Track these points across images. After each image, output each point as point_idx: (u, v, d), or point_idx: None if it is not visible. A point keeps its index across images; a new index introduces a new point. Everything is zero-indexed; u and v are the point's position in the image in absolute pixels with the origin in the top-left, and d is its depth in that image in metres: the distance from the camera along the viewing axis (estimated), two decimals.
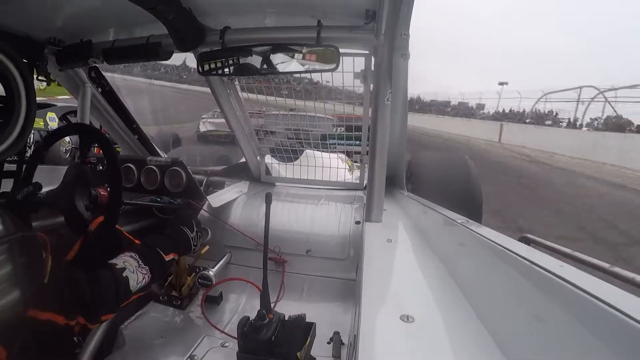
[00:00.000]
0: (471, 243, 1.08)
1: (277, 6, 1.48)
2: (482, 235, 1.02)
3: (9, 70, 1.16)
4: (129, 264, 1.21)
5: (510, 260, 0.81)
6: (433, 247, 1.24)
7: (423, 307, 0.85)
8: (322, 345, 1.32)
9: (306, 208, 2.15)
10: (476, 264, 1.02)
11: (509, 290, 0.80)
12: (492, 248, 0.93)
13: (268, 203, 1.15)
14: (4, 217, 1.11)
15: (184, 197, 2.09)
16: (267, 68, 1.45)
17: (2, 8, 1.40)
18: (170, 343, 1.48)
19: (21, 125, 1.19)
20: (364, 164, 2.31)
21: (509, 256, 0.83)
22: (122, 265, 1.19)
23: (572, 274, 0.64)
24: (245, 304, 1.72)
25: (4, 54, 1.14)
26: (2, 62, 1.14)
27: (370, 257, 1.16)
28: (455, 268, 1.04)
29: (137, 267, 1.22)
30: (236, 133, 2.22)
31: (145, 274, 1.24)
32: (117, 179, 1.43)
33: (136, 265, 1.22)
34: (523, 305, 0.72)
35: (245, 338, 1.08)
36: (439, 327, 0.79)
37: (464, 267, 1.04)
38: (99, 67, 2.11)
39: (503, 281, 0.85)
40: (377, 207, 1.54)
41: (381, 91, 1.48)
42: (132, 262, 1.22)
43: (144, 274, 1.23)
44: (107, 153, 1.41)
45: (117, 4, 1.24)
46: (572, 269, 0.68)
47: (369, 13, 1.41)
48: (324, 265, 1.84)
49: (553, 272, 0.66)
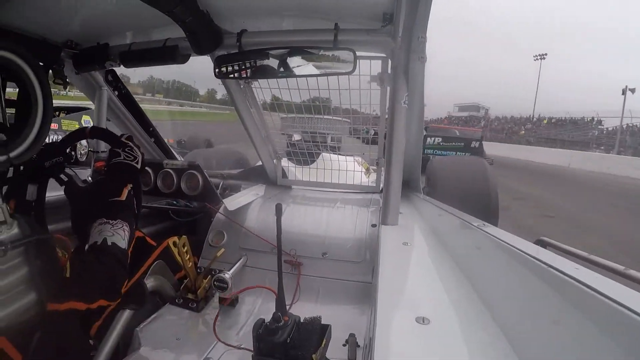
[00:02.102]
0: (487, 246, 1.07)
1: (294, 9, 1.48)
2: (498, 237, 1.02)
3: (26, 74, 1.17)
4: (104, 230, 1.20)
5: (526, 263, 0.81)
6: (449, 250, 1.24)
7: (439, 309, 0.84)
8: (337, 348, 1.31)
9: (322, 211, 2.15)
10: (492, 267, 1.01)
11: (525, 293, 0.79)
12: (508, 250, 0.92)
13: (279, 215, 1.15)
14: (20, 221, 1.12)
15: (200, 200, 2.10)
16: (283, 71, 1.45)
17: (19, 11, 1.42)
18: (186, 345, 1.48)
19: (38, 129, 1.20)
20: (380, 167, 2.30)
21: (524, 259, 0.82)
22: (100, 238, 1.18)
23: (588, 277, 0.63)
24: (260, 307, 1.72)
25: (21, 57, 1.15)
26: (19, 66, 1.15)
27: (386, 260, 1.16)
28: (471, 270, 1.03)
29: (112, 227, 1.22)
30: (252, 136, 2.22)
31: (121, 226, 1.23)
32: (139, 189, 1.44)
33: (110, 227, 1.21)
34: (539, 307, 0.72)
35: (261, 340, 1.07)
36: (455, 330, 0.78)
37: (479, 270, 1.03)
38: (115, 70, 2.13)
39: (519, 284, 0.84)
40: (393, 210, 1.54)
41: (398, 94, 1.48)
42: (105, 227, 1.21)
43: (121, 227, 1.23)
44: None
45: (134, 7, 1.23)
46: (588, 272, 0.67)
47: (386, 16, 1.40)
48: (339, 268, 1.83)
49: (569, 274, 0.65)
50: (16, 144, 1.15)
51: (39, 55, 1.54)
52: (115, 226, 1.22)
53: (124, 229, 1.24)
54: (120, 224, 1.23)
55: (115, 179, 1.37)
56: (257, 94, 2.08)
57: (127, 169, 1.38)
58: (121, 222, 1.24)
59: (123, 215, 1.27)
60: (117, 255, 1.18)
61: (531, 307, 0.74)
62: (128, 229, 1.25)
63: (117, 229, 1.22)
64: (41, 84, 1.21)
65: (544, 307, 0.70)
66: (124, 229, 1.23)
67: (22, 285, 1.10)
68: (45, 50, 1.66)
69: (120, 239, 1.20)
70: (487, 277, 0.98)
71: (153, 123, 2.47)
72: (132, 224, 1.29)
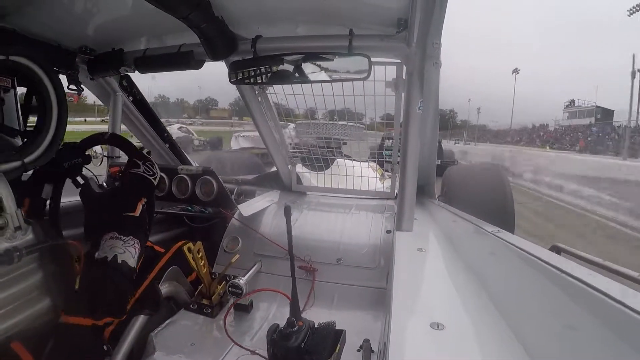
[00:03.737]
0: (501, 252, 1.07)
1: (308, 15, 1.49)
2: (513, 243, 1.01)
3: (41, 80, 1.18)
4: (116, 246, 1.21)
5: (541, 269, 0.81)
6: (463, 256, 1.23)
7: (453, 315, 0.84)
8: (352, 353, 1.31)
9: (337, 217, 2.15)
10: (506, 273, 1.00)
11: (540, 299, 0.79)
12: (522, 257, 0.92)
13: (288, 216, 1.15)
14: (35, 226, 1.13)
15: (214, 206, 2.10)
16: (298, 77, 1.45)
17: (34, 18, 1.44)
18: (200, 351, 1.48)
19: (52, 134, 1.21)
20: (395, 173, 2.29)
21: (539, 265, 0.82)
22: (111, 254, 1.19)
23: (602, 283, 0.63)
24: (275, 312, 1.72)
25: (36, 63, 1.16)
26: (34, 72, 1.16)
27: (401, 266, 1.15)
28: (486, 276, 1.02)
29: (123, 244, 1.23)
30: (267, 142, 2.23)
31: (133, 243, 1.24)
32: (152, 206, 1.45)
33: (122, 244, 1.23)
34: (554, 313, 0.71)
35: (275, 345, 1.07)
36: (469, 335, 0.78)
37: (494, 276, 1.02)
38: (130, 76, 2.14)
39: (533, 290, 0.84)
40: (408, 216, 1.52)
41: (412, 100, 1.47)
42: (117, 242, 1.22)
43: (132, 244, 1.24)
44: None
45: (149, 13, 1.24)
46: (602, 278, 0.67)
47: (401, 22, 1.40)
48: (354, 274, 1.82)
49: (584, 280, 0.65)
50: (31, 150, 1.16)
51: (54, 61, 1.56)
52: (127, 243, 1.24)
53: (135, 246, 1.25)
54: (131, 241, 1.25)
55: (132, 191, 1.38)
56: (272, 99, 2.08)
57: (144, 183, 1.39)
58: (133, 239, 1.26)
59: (135, 232, 1.29)
60: (126, 274, 1.19)
61: (545, 313, 0.74)
62: (139, 246, 1.27)
63: (128, 246, 1.23)
64: (56, 90, 1.22)
65: (558, 313, 0.70)
66: (134, 247, 1.25)
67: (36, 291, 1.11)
68: (60, 56, 1.68)
69: (130, 256, 1.22)
70: (502, 283, 0.97)
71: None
72: (142, 240, 1.31)
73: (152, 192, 1.43)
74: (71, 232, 1.58)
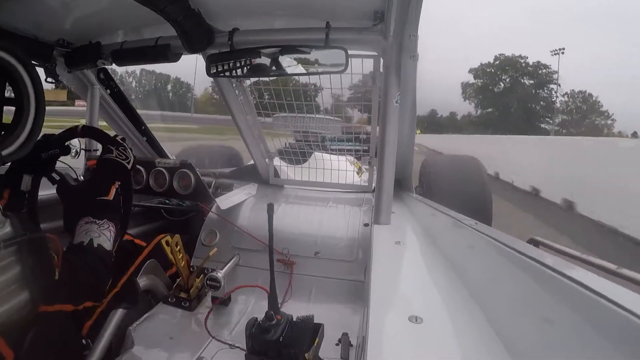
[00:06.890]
0: (480, 245, 1.07)
1: (286, 8, 1.49)
2: (491, 236, 1.02)
3: (18, 72, 1.16)
4: (91, 230, 1.20)
5: (519, 261, 0.81)
6: (441, 249, 1.23)
7: (431, 308, 0.84)
8: (330, 347, 1.31)
9: (315, 210, 2.15)
10: (485, 266, 1.01)
11: (518, 292, 0.80)
12: (500, 250, 0.93)
13: (270, 214, 1.15)
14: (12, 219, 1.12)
15: (192, 199, 2.10)
16: (275, 70, 1.45)
17: (11, 10, 1.41)
18: (179, 344, 1.48)
19: (30, 128, 1.19)
20: (373, 167, 2.30)
21: (517, 258, 0.83)
22: (87, 238, 1.18)
23: (580, 275, 0.63)
24: (254, 306, 1.72)
25: (13, 55, 1.14)
26: (11, 64, 1.14)
27: (379, 259, 1.15)
28: (464, 270, 1.03)
29: (98, 227, 1.21)
30: (245, 135, 2.22)
31: (108, 227, 1.23)
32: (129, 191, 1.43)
33: (97, 227, 1.21)
34: (532, 306, 0.72)
35: (254, 339, 1.07)
36: (448, 328, 0.78)
37: (472, 269, 1.03)
38: (107, 69, 2.12)
39: (512, 282, 0.84)
40: (386, 209, 1.54)
41: (390, 93, 1.47)
42: (92, 227, 1.21)
43: (107, 227, 1.23)
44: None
45: (126, 6, 1.24)
46: (581, 270, 0.68)
47: (378, 14, 1.40)
48: (332, 267, 1.83)
49: (562, 272, 0.66)
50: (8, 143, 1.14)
51: (31, 54, 1.53)
52: (102, 226, 1.22)
53: (110, 229, 1.24)
54: (106, 224, 1.23)
55: (105, 176, 1.36)
56: (249, 92, 2.08)
57: (117, 167, 1.38)
58: (107, 222, 1.24)
59: (110, 215, 1.27)
60: (103, 257, 1.18)
61: (524, 306, 0.75)
62: (114, 229, 1.25)
63: (103, 229, 1.22)
64: (34, 83, 1.20)
65: (536, 305, 0.71)
66: (110, 230, 1.23)
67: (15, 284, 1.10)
68: (38, 49, 1.66)
69: (106, 240, 1.20)
70: (480, 275, 0.98)
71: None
72: (117, 224, 1.29)
73: (127, 176, 1.41)
74: (50, 225, 1.56)
